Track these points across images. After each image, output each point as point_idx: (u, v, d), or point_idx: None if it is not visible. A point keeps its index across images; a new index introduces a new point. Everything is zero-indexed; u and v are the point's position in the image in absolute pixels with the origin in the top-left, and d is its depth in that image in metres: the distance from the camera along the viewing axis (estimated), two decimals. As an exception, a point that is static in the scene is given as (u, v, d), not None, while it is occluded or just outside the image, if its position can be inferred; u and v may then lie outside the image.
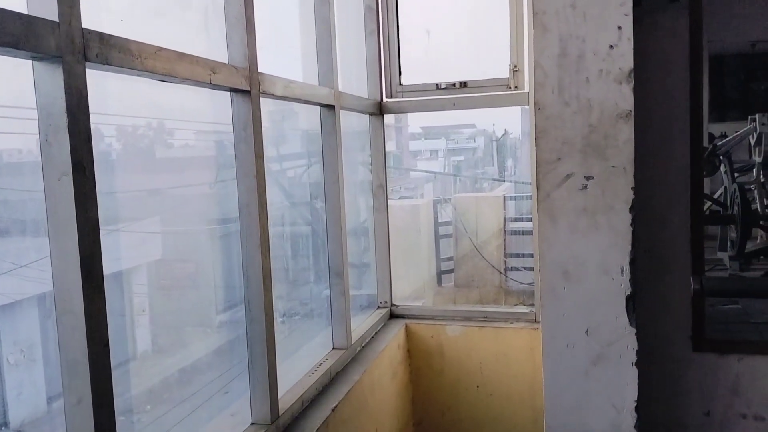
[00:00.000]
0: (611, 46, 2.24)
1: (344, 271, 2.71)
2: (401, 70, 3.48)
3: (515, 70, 3.24)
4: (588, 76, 2.26)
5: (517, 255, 4.34)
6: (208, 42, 1.92)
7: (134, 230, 2.05)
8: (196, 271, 2.27)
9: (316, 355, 2.65)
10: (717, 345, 2.77)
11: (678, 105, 2.61)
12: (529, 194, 5.14)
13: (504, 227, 4.31)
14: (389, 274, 3.49)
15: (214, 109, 2.01)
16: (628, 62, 2.23)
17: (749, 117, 4.30)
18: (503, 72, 3.27)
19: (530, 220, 4.30)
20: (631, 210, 2.27)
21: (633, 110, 2.24)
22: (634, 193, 2.26)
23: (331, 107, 2.68)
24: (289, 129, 3.05)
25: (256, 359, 1.96)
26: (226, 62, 1.89)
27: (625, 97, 2.24)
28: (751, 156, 4.34)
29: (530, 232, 4.34)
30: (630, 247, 2.29)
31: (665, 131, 2.62)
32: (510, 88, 3.26)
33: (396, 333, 3.23)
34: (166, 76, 1.55)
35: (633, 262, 2.29)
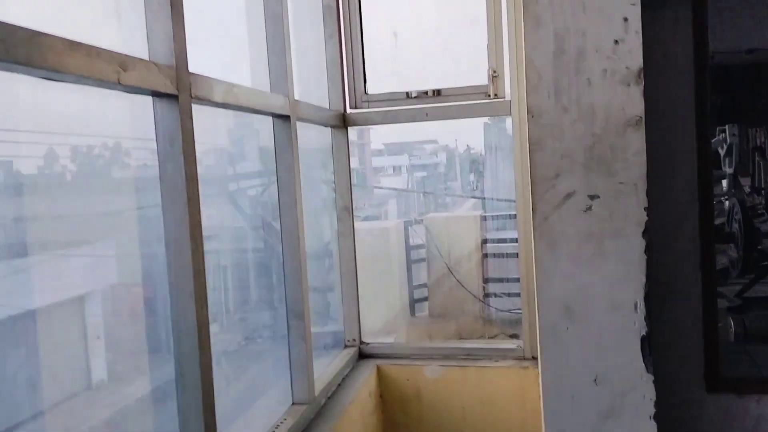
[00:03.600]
0: (616, 42, 1.90)
1: (304, 312, 2.30)
2: (366, 77, 3.12)
3: (494, 75, 2.90)
4: (590, 77, 1.92)
5: (497, 280, 3.99)
6: (120, 32, 1.51)
7: (89, 254, 1.98)
8: (155, 295, 2.13)
9: (272, 414, 2.24)
10: (734, 384, 2.44)
11: (681, 111, 2.29)
12: (507, 213, 4.84)
13: (482, 249, 3.96)
14: (357, 308, 3.09)
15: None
16: (637, 60, 1.89)
17: (717, 128, 4.07)
18: (481, 78, 2.94)
19: (513, 240, 3.96)
20: (644, 234, 1.92)
21: (644, 116, 1.90)
22: (647, 215, 1.92)
23: (285, 118, 2.30)
24: (252, 143, 2.67)
25: (190, 437, 1.54)
26: (146, 59, 1.47)
27: (633, 101, 1.90)
28: (721, 167, 4.10)
29: (511, 255, 4.00)
30: (644, 279, 1.94)
31: (669, 141, 2.30)
32: (489, 96, 2.92)
33: (366, 378, 2.83)
34: (52, 72, 1.13)
35: (648, 297, 1.94)
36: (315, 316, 3.08)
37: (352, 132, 3.28)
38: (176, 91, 1.52)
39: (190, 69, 1.62)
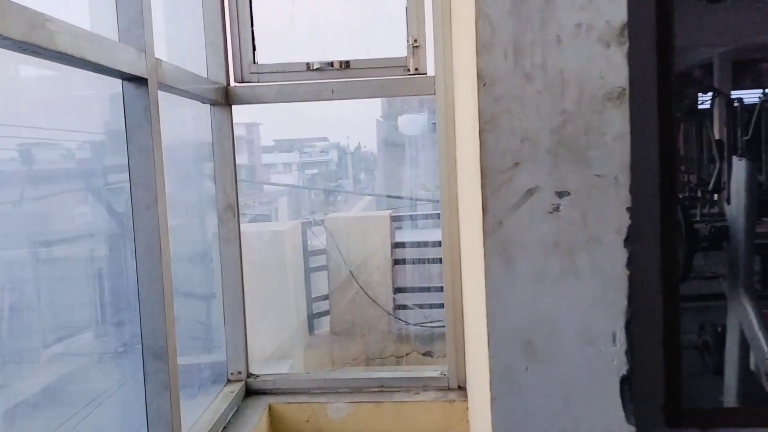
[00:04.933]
0: (593, -13, 1.45)
1: (168, 351, 1.68)
2: (255, 43, 2.52)
3: (415, 46, 2.41)
4: (559, 34, 1.46)
5: (409, 289, 3.51)
6: None
7: None
8: (20, 299, 2.00)
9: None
10: (696, 418, 2.09)
11: (639, 93, 1.88)
12: (422, 213, 4.42)
13: (392, 255, 3.46)
14: (244, 332, 2.50)
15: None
16: (620, 12, 1.46)
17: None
18: (399, 49, 2.42)
19: (428, 245, 3.51)
20: (627, 243, 1.49)
21: (628, 88, 1.46)
22: (631, 218, 1.48)
23: (141, 81, 1.67)
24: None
25: None
26: None
27: (615, 67, 1.46)
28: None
29: (425, 261, 3.56)
30: (626, 302, 1.51)
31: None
32: (409, 70, 2.41)
33: (256, 422, 2.26)
34: None
35: (630, 325, 1.51)
36: (188, 342, 2.46)
37: (239, 115, 2.67)
38: None
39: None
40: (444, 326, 2.54)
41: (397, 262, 3.44)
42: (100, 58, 1.46)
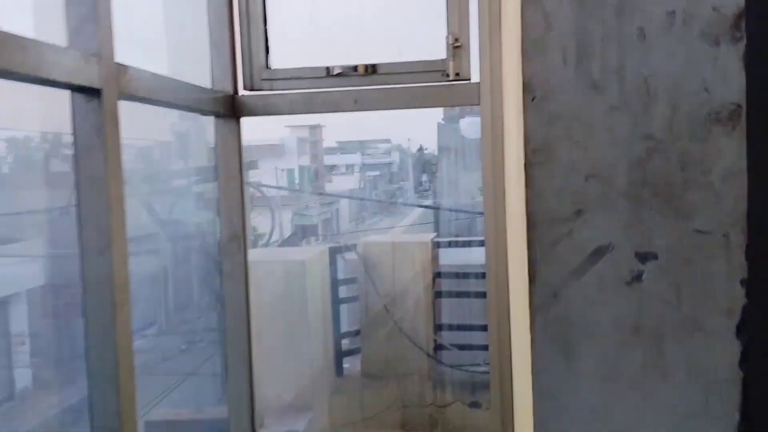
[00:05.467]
0: (696, -42, 1.00)
1: (120, 437, 1.33)
2: (269, 45, 2.18)
3: (456, 46, 2.02)
4: (644, 26, 1.02)
5: (452, 327, 3.10)
6: None
7: (10, 254, 1.94)
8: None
9: None
10: None
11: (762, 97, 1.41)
12: (467, 238, 3.99)
13: (433, 286, 3.06)
14: (249, 385, 2.16)
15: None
16: (737, -6, 1.00)
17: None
18: (436, 50, 2.03)
19: (471, 276, 3.09)
20: (740, 332, 1.04)
21: (745, 104, 1.01)
22: (747, 294, 1.03)
23: (93, 93, 1.34)
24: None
25: None
26: None
27: (727, 75, 1.02)
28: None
29: (472, 295, 3.14)
30: (737, 415, 1.05)
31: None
32: (448, 75, 2.02)
33: (254, 502, 1.87)
34: None
35: (743, 447, 1.05)
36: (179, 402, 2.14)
37: (252, 126, 2.32)
38: None
39: None
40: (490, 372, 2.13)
41: (439, 294, 3.03)
42: (19, 64, 1.11)
